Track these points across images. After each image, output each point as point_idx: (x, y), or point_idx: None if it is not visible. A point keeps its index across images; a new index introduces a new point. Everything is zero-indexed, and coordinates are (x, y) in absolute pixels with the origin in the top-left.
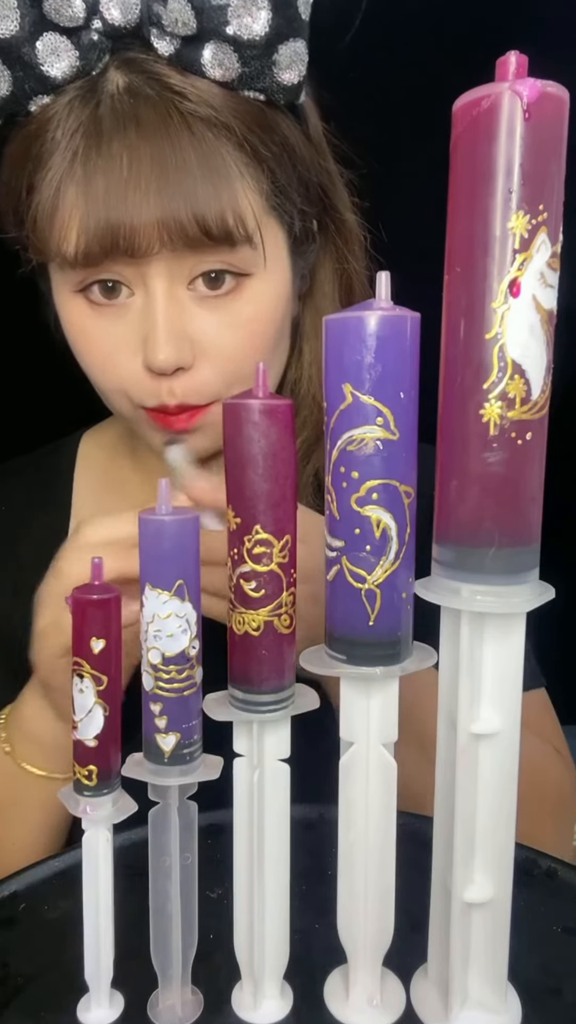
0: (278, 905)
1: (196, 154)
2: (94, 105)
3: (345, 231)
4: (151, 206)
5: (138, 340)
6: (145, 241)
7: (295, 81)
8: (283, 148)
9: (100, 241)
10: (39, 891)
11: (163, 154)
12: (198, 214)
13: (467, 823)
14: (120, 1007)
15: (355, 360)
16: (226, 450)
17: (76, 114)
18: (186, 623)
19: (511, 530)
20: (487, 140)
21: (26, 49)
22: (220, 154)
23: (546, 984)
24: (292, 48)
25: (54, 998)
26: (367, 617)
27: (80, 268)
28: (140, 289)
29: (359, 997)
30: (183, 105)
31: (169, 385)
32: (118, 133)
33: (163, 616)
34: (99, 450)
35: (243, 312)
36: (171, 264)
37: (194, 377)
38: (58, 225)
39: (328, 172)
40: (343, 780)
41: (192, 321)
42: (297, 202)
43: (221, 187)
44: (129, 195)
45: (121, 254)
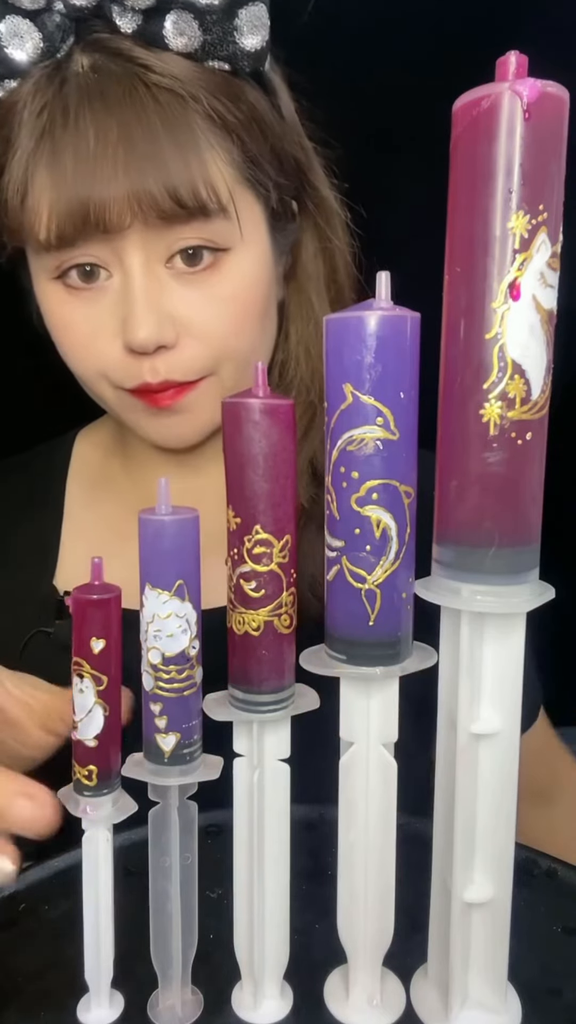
0: (278, 905)
1: (164, 125)
2: (59, 84)
3: (325, 209)
4: (120, 179)
5: (117, 323)
6: (116, 215)
7: (258, 47)
8: (251, 117)
9: (72, 219)
10: (39, 891)
11: (130, 126)
12: (168, 185)
13: (467, 823)
14: (120, 1007)
15: (355, 360)
16: (226, 450)
17: (41, 94)
18: (186, 623)
19: (511, 530)
20: (487, 140)
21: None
22: (188, 124)
23: (546, 984)
24: (252, 12)
25: (54, 998)
26: (367, 617)
27: (55, 251)
28: (117, 269)
29: (359, 997)
30: (148, 77)
31: (152, 363)
32: (83, 109)
33: (163, 616)
34: (92, 450)
35: (224, 287)
36: (147, 240)
37: (179, 355)
38: (29, 207)
39: (303, 148)
40: (343, 780)
41: (172, 298)
42: (271, 174)
43: (191, 157)
44: (98, 169)
45: (93, 230)
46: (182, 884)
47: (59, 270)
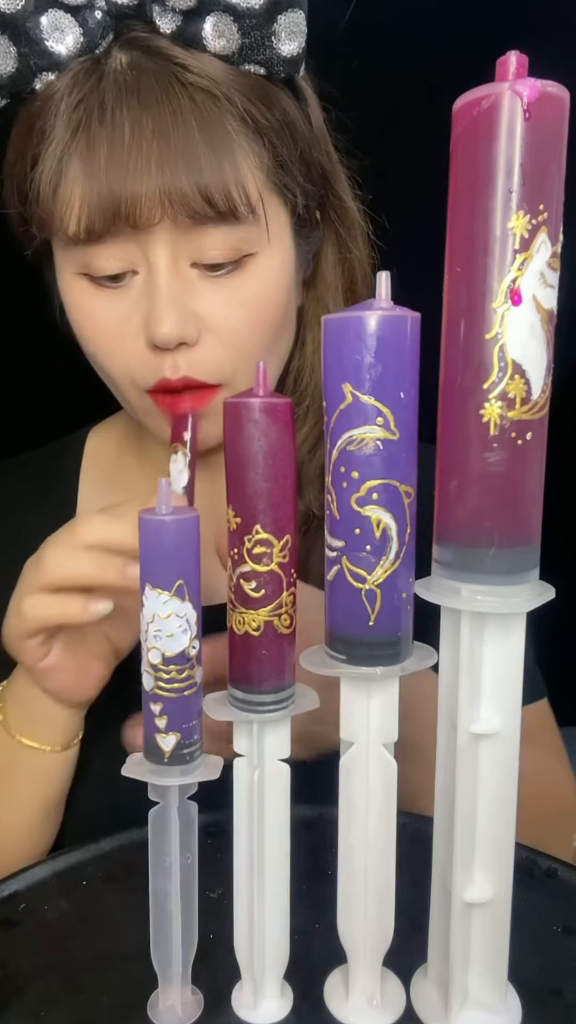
0: (278, 905)
1: (199, 124)
2: (97, 79)
3: (347, 219)
4: (153, 175)
5: (142, 319)
6: (147, 211)
7: (295, 53)
8: (283, 123)
9: (103, 212)
10: (39, 891)
11: (165, 124)
12: (201, 184)
13: (467, 823)
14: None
15: (355, 360)
16: (226, 449)
17: (79, 88)
18: (186, 623)
19: (511, 530)
20: (487, 140)
21: (31, 24)
22: (222, 125)
23: (546, 984)
24: (291, 19)
25: (54, 998)
26: (367, 617)
27: (83, 244)
28: (143, 266)
29: (359, 997)
30: (185, 76)
31: (173, 359)
32: (120, 104)
33: (163, 616)
34: (106, 447)
35: (248, 288)
36: (175, 239)
37: (200, 352)
38: (61, 197)
39: (330, 157)
40: (343, 780)
41: (196, 297)
42: (299, 180)
43: (224, 157)
44: (131, 164)
45: (123, 225)
46: (182, 884)
47: (86, 268)
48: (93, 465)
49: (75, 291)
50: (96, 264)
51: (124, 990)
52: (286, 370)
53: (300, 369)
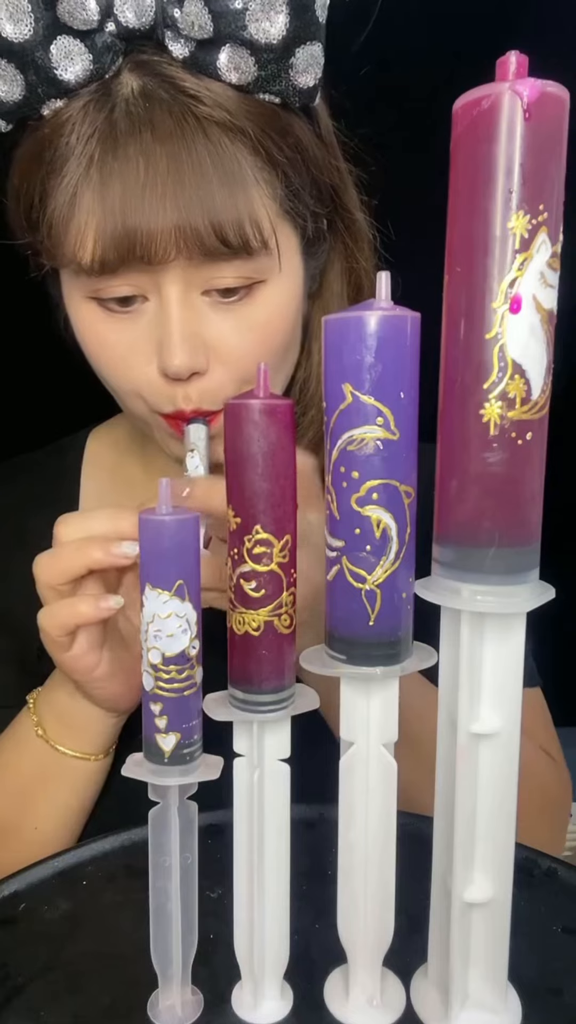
0: (278, 905)
1: (212, 159)
2: (109, 110)
3: (355, 230)
4: (168, 212)
5: (152, 345)
6: (162, 248)
7: (311, 84)
8: (297, 151)
9: (116, 247)
10: (39, 891)
11: (179, 159)
12: (215, 221)
13: (467, 823)
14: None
15: (355, 360)
16: (226, 450)
17: (91, 119)
18: (186, 623)
19: (511, 530)
20: (487, 140)
21: (40, 53)
22: (236, 159)
23: (546, 984)
24: (309, 51)
25: (54, 998)
26: (367, 617)
27: (96, 276)
28: (155, 296)
29: (359, 997)
30: (198, 109)
31: (185, 391)
32: (134, 138)
33: (163, 616)
34: (107, 448)
35: (257, 316)
36: (187, 273)
37: (209, 381)
38: (74, 231)
39: (339, 171)
40: (343, 780)
41: (206, 326)
42: (310, 204)
43: (238, 193)
44: (146, 200)
45: (137, 261)
46: (182, 884)
47: (96, 293)
48: (94, 465)
49: (85, 314)
50: (106, 290)
51: (124, 990)
52: (292, 380)
53: (306, 379)
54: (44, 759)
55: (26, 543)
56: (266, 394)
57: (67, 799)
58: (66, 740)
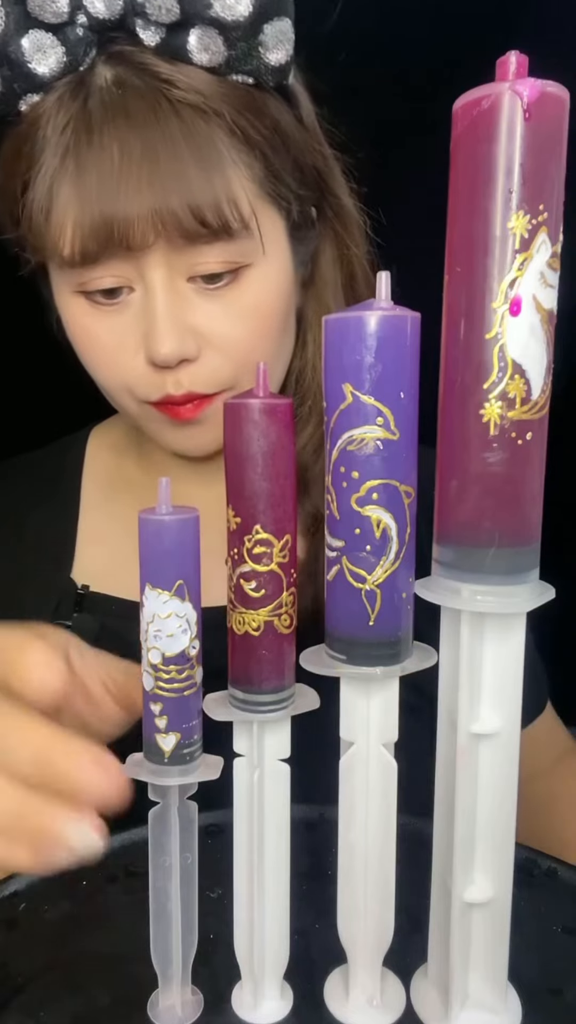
0: (278, 905)
1: (187, 142)
2: (83, 99)
3: (344, 216)
4: (144, 197)
5: (140, 336)
6: (140, 233)
7: (282, 61)
8: (275, 131)
9: (96, 236)
10: (39, 891)
11: (154, 144)
12: (192, 204)
13: (467, 823)
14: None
15: (355, 360)
16: (226, 450)
17: (65, 109)
18: (186, 623)
19: (511, 530)
20: (487, 140)
21: (12, 47)
22: (212, 141)
23: (546, 984)
24: (277, 27)
25: (54, 998)
26: (367, 617)
27: (79, 267)
28: (139, 284)
29: (359, 997)
30: (172, 93)
31: (175, 377)
32: (108, 125)
33: (163, 616)
34: (107, 448)
35: (245, 300)
36: (169, 257)
37: (202, 367)
38: (54, 223)
39: (323, 156)
40: (343, 780)
41: (194, 312)
42: (293, 187)
43: (214, 175)
44: (121, 187)
45: (117, 247)
46: (182, 884)
47: (81, 287)
48: (95, 465)
49: (73, 309)
50: (92, 282)
51: (124, 990)
52: (288, 370)
53: (302, 369)
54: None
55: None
56: (266, 393)
57: None
58: None
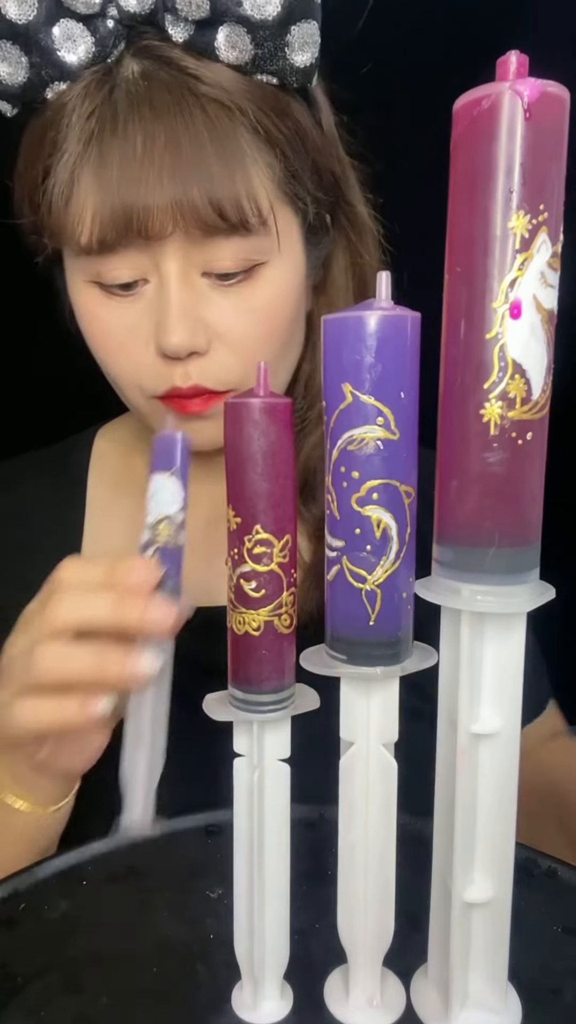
0: (278, 905)
1: (211, 136)
2: (108, 90)
3: (358, 224)
4: (165, 187)
5: (151, 327)
6: (159, 223)
7: (308, 63)
8: (295, 132)
9: (115, 224)
10: (39, 891)
11: (177, 136)
12: (212, 196)
13: (467, 823)
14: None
15: (355, 360)
16: (226, 449)
17: (91, 99)
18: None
19: (511, 530)
20: (487, 140)
21: (43, 35)
22: (234, 137)
23: (546, 984)
24: (304, 29)
25: (54, 998)
26: (367, 617)
27: (95, 255)
28: (154, 275)
29: (359, 997)
30: (197, 88)
31: (184, 369)
32: (132, 115)
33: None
34: (114, 447)
35: (258, 297)
36: (186, 250)
37: (211, 362)
38: (73, 209)
39: (341, 162)
40: (343, 780)
41: (206, 306)
42: (310, 189)
43: (235, 169)
44: (143, 176)
45: (135, 236)
46: (156, 690)
47: (97, 278)
48: (101, 464)
49: (86, 299)
50: (107, 273)
51: (124, 990)
52: (296, 374)
53: (311, 373)
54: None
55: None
56: (266, 393)
57: (23, 850)
58: (15, 793)
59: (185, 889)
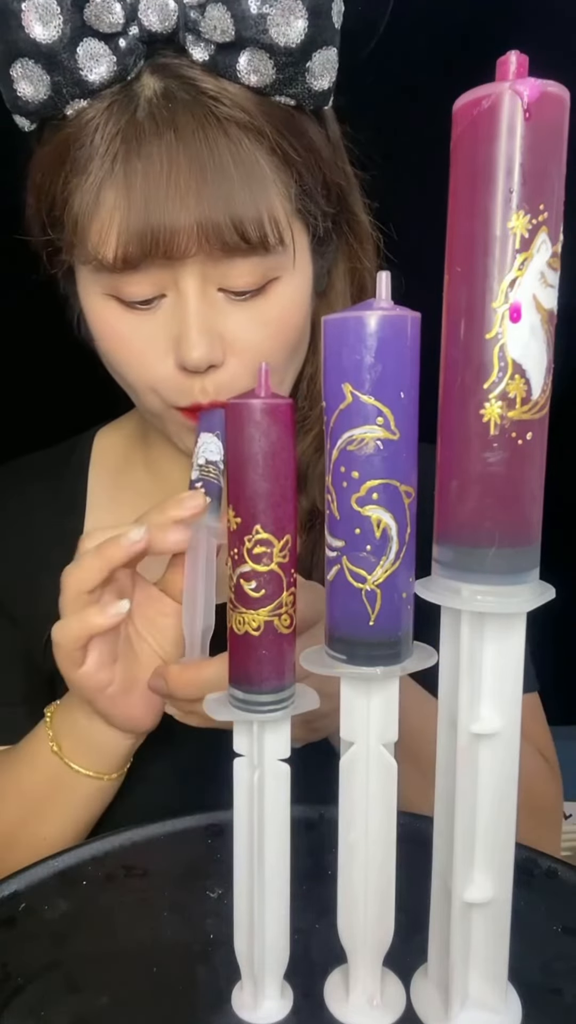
0: (278, 905)
1: (233, 159)
2: (132, 111)
3: (360, 231)
4: (190, 209)
5: (169, 339)
6: (183, 243)
7: (326, 87)
8: (309, 151)
9: (140, 243)
10: (39, 891)
11: (201, 158)
12: (235, 218)
13: (467, 823)
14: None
15: (355, 360)
16: (227, 450)
17: (115, 120)
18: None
19: (511, 530)
20: (487, 140)
21: (66, 55)
22: (255, 158)
23: (546, 984)
24: (325, 56)
25: (54, 998)
26: (367, 617)
27: (118, 272)
28: (172, 291)
29: (359, 997)
30: (219, 110)
31: (202, 383)
32: (157, 137)
33: None
34: (114, 447)
35: (271, 311)
36: (205, 267)
37: (224, 374)
38: (97, 228)
39: (346, 174)
40: (343, 780)
41: (222, 319)
42: (321, 204)
43: (257, 192)
44: (168, 198)
45: (159, 256)
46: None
47: (116, 292)
48: (101, 465)
49: (102, 311)
50: (127, 288)
51: (124, 990)
52: (299, 376)
53: (313, 375)
54: (57, 773)
55: (33, 539)
56: (267, 394)
57: (77, 812)
58: (80, 759)
59: (185, 889)
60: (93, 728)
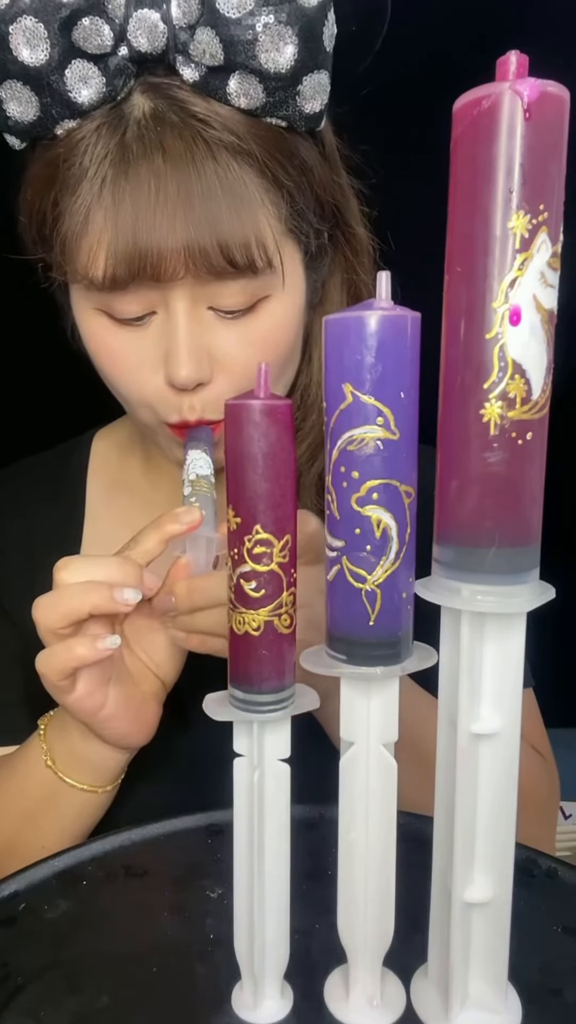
0: (278, 905)
1: (220, 182)
2: (121, 132)
3: (355, 243)
4: (177, 233)
5: (159, 355)
6: (171, 267)
7: (317, 110)
8: (302, 172)
9: (128, 265)
10: (39, 891)
11: (189, 181)
12: (222, 242)
13: (467, 823)
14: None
15: (355, 360)
16: (227, 450)
17: (104, 141)
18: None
19: (511, 530)
20: (487, 140)
21: (55, 77)
22: (243, 182)
23: (546, 984)
24: (316, 79)
25: (54, 998)
26: (367, 617)
27: (106, 291)
28: (162, 310)
29: (359, 997)
30: (208, 133)
31: (190, 400)
32: (145, 160)
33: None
34: (111, 451)
35: (260, 329)
36: (194, 289)
37: (212, 391)
38: (86, 249)
39: (341, 187)
40: (343, 780)
41: (211, 338)
42: (313, 222)
43: (244, 215)
44: (156, 221)
45: (147, 278)
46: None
47: (106, 308)
48: (99, 467)
49: (94, 326)
50: (117, 306)
51: (124, 990)
52: (293, 386)
53: (307, 385)
54: (52, 787)
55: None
56: (266, 394)
57: (72, 823)
58: (75, 773)
59: (185, 889)
60: (87, 745)
